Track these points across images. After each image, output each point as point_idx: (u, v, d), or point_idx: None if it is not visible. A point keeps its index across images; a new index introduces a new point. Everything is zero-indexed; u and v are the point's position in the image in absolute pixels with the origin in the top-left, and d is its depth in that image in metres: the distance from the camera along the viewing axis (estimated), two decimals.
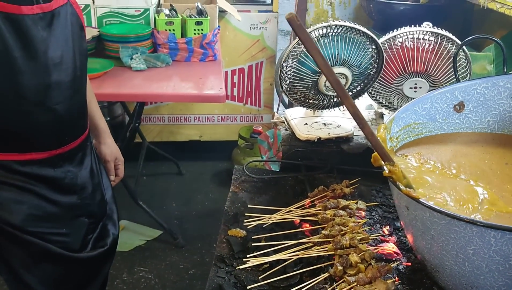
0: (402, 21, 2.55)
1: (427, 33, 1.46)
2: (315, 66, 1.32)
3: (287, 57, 1.32)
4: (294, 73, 1.34)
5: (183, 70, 2.69)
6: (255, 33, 3.46)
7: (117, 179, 1.76)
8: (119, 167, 1.74)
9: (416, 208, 0.93)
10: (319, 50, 0.81)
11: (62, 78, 1.38)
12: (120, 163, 1.74)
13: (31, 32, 1.28)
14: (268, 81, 3.63)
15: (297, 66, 1.33)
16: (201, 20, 2.80)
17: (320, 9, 2.85)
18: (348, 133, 1.47)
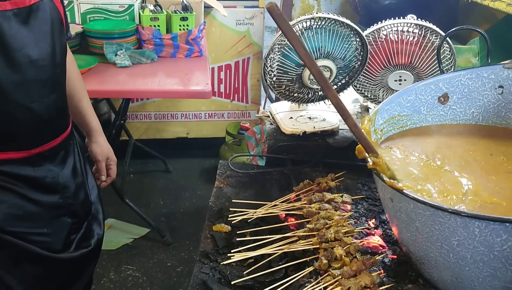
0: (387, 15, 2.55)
1: (411, 25, 1.46)
2: (299, 59, 1.31)
3: (271, 50, 1.30)
4: (278, 66, 1.33)
5: (169, 66, 2.67)
6: (242, 29, 3.44)
7: (109, 180, 1.72)
8: (111, 167, 1.71)
9: (400, 199, 0.92)
10: (300, 40, 0.80)
11: (39, 76, 1.34)
12: (112, 163, 1.71)
13: (3, 29, 1.23)
14: (255, 77, 3.61)
15: (281, 59, 1.31)
16: (186, 16, 2.78)
17: (306, 4, 2.84)
18: (334, 126, 1.46)
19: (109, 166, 1.73)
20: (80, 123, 1.67)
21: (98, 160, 1.69)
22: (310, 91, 1.41)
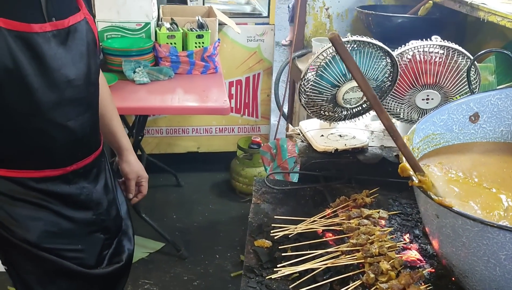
0: (400, 33, 2.63)
1: (436, 46, 1.52)
2: (334, 80, 1.36)
3: (307, 71, 1.36)
4: (313, 87, 1.39)
5: (186, 83, 2.72)
6: (252, 45, 3.51)
7: (140, 196, 1.76)
8: (142, 184, 1.75)
9: (447, 216, 0.97)
10: (358, 68, 0.85)
11: (75, 95, 1.39)
12: (143, 180, 1.74)
13: (42, 50, 1.28)
14: (265, 92, 3.68)
15: (316, 80, 1.37)
16: (202, 34, 2.84)
17: (318, 22, 2.91)
18: (364, 144, 1.51)
19: (140, 183, 1.77)
20: (111, 142, 1.71)
21: (129, 178, 1.73)
22: (342, 110, 1.46)
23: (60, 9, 1.34)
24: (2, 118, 1.31)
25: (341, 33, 3.00)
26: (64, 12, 1.36)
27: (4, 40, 1.22)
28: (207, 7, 3.32)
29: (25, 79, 1.27)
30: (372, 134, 1.63)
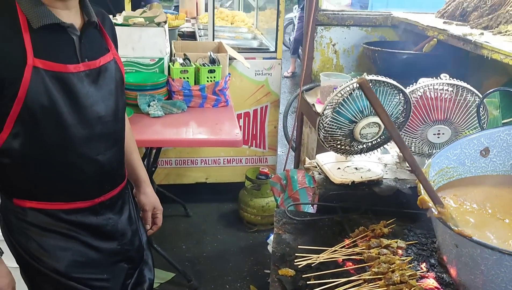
0: (405, 68, 2.74)
1: (445, 84, 1.61)
2: (352, 116, 1.45)
3: (326, 108, 1.44)
4: (332, 122, 1.47)
5: (198, 116, 2.80)
6: (260, 79, 3.62)
7: (155, 228, 1.82)
8: (157, 216, 1.81)
9: (466, 245, 1.03)
10: (384, 108, 0.94)
11: (104, 130, 1.48)
12: (158, 212, 1.81)
13: (76, 89, 1.38)
14: (272, 124, 3.77)
15: (335, 116, 1.45)
16: (214, 68, 2.94)
17: (325, 57, 3.02)
18: (379, 176, 1.59)
19: (155, 215, 1.83)
20: (130, 174, 1.78)
21: (146, 209, 1.80)
22: (359, 144, 1.54)
23: (92, 51, 1.44)
24: (37, 153, 1.38)
25: (347, 68, 3.12)
26: (96, 53, 1.46)
27: (42, 80, 1.31)
28: (217, 42, 3.44)
29: (60, 116, 1.36)
30: (385, 167, 1.71)
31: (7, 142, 1.35)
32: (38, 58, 1.30)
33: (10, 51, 1.27)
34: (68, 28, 1.37)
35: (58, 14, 1.35)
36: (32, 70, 1.29)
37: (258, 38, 4.28)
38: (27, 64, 1.28)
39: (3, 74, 1.26)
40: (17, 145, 1.35)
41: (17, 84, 1.28)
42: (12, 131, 1.33)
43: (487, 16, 2.48)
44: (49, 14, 1.32)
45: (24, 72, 1.28)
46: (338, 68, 3.10)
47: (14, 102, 1.29)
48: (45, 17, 1.31)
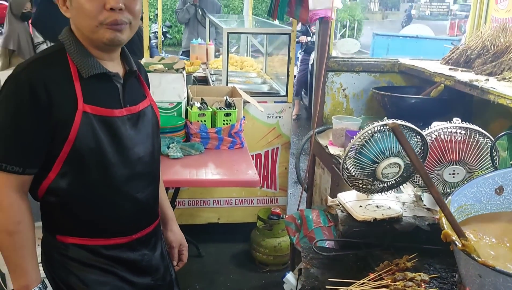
0: (413, 112, 2.87)
1: (458, 127, 1.73)
2: (374, 157, 1.56)
3: (349, 149, 1.56)
4: (356, 163, 1.58)
5: (216, 158, 2.92)
6: (272, 122, 3.76)
7: (181, 264, 1.90)
8: (183, 253, 1.89)
9: (489, 275, 1.12)
10: (413, 150, 1.05)
11: (143, 170, 1.59)
12: (184, 248, 1.89)
13: (120, 131, 1.50)
14: (283, 166, 3.88)
15: (358, 157, 1.56)
16: (230, 112, 3.08)
17: (336, 101, 3.17)
18: (398, 214, 1.68)
19: (181, 251, 1.91)
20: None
21: (173, 246, 1.88)
22: (380, 183, 1.65)
23: (132, 97, 1.57)
24: (82, 191, 1.49)
25: (357, 111, 3.25)
26: (136, 99, 1.59)
27: (90, 123, 1.43)
28: (230, 87, 3.60)
29: (105, 157, 1.47)
30: (403, 205, 1.80)
31: (54, 181, 1.45)
32: (87, 103, 1.42)
33: (64, 98, 1.39)
34: (113, 77, 1.50)
35: (105, 64, 1.49)
36: (82, 114, 1.41)
37: (267, 83, 4.45)
38: (78, 109, 1.40)
39: (57, 118, 1.38)
40: (64, 184, 1.45)
41: (69, 128, 1.40)
42: (60, 171, 1.44)
43: (490, 63, 2.63)
44: (97, 65, 1.46)
45: (75, 117, 1.40)
46: (348, 111, 3.23)
47: (64, 144, 1.41)
48: (94, 68, 1.45)
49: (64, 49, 1.46)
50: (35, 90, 1.35)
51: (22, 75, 1.37)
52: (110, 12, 1.39)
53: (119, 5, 1.39)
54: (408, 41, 8.22)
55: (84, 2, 1.38)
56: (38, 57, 1.45)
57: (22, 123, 1.37)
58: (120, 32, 1.43)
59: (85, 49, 1.45)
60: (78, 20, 1.43)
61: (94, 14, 1.38)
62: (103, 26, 1.41)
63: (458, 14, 23.34)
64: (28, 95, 1.34)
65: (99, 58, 1.48)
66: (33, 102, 1.35)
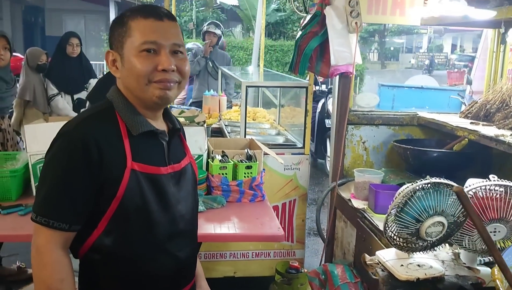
0: (435, 165, 2.88)
1: (495, 185, 1.72)
2: (417, 215, 1.55)
3: (393, 208, 1.55)
4: (399, 222, 1.57)
5: (238, 211, 2.89)
6: (289, 173, 3.76)
7: None
8: None
9: None
10: (478, 214, 1.04)
11: (185, 228, 1.58)
12: None
13: (165, 189, 1.51)
14: (300, 218, 3.84)
15: (402, 216, 1.55)
16: (251, 165, 3.08)
17: (356, 154, 3.18)
18: (441, 273, 1.65)
19: None
20: None
21: None
22: (423, 242, 1.63)
23: (175, 154, 1.58)
24: (126, 249, 1.47)
25: (377, 164, 3.26)
26: (178, 156, 1.60)
27: (138, 181, 1.43)
28: (248, 139, 3.62)
29: (150, 215, 1.46)
30: (443, 263, 1.78)
31: (99, 239, 1.44)
32: (136, 161, 1.43)
33: (114, 155, 1.40)
34: (160, 135, 1.52)
35: (151, 122, 1.51)
36: (130, 172, 1.41)
37: (282, 134, 4.48)
38: (127, 166, 1.41)
39: (107, 176, 1.39)
40: (108, 242, 1.44)
41: (117, 185, 1.40)
42: (106, 228, 1.43)
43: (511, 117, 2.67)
44: (145, 123, 1.48)
45: (124, 174, 1.40)
46: (368, 164, 3.24)
47: (112, 201, 1.40)
48: (142, 125, 1.47)
49: (112, 107, 1.48)
50: (88, 148, 1.36)
51: (74, 132, 1.39)
52: (161, 72, 1.42)
53: (171, 66, 1.42)
54: (414, 92, 8.32)
55: (137, 63, 1.41)
56: (89, 115, 1.47)
57: (73, 180, 1.37)
58: (169, 90, 1.46)
59: (134, 107, 1.48)
60: (128, 80, 1.46)
61: (145, 74, 1.42)
62: (152, 84, 1.43)
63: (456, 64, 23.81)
64: (81, 152, 1.35)
65: (145, 116, 1.50)
66: (85, 159, 1.36)
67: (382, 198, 2.62)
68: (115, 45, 1.48)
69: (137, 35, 1.43)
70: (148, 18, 1.44)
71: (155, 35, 1.43)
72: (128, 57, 1.44)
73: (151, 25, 1.44)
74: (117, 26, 1.47)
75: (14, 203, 2.65)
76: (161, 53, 1.43)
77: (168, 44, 1.45)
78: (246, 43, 14.10)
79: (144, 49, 1.42)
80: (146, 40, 1.42)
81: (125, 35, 1.45)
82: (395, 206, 1.55)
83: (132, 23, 1.44)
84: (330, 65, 2.91)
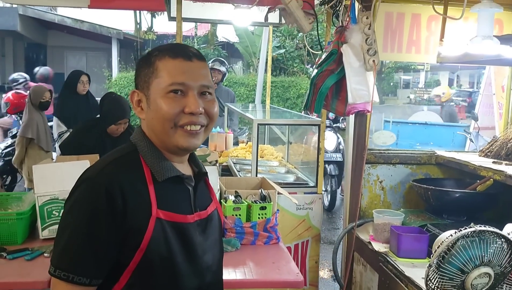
0: (457, 206, 2.78)
1: None
2: (463, 266, 1.44)
3: (436, 258, 1.44)
4: (443, 273, 1.46)
5: (253, 254, 2.77)
6: (301, 213, 3.65)
7: None
8: None
9: None
10: None
11: (211, 280, 1.47)
12: None
13: (192, 238, 1.40)
14: (313, 259, 3.71)
15: (446, 267, 1.45)
16: (265, 205, 2.98)
17: (373, 194, 3.09)
18: None
19: None
20: None
21: None
22: None
23: (201, 201, 1.49)
24: None
25: (394, 204, 3.16)
26: (204, 203, 1.50)
27: (163, 230, 1.33)
28: (259, 178, 3.52)
29: (176, 266, 1.35)
30: None
31: None
32: (161, 209, 1.33)
33: (138, 203, 1.30)
34: (186, 180, 1.42)
35: (176, 166, 1.41)
36: (155, 221, 1.31)
37: (292, 172, 4.39)
38: (152, 215, 1.31)
39: (131, 225, 1.29)
40: None
41: (141, 235, 1.29)
42: (128, 282, 1.32)
43: None
44: (171, 168, 1.39)
45: (149, 223, 1.30)
46: (385, 204, 3.14)
47: (135, 253, 1.30)
48: (168, 171, 1.38)
49: (137, 150, 1.39)
50: (112, 196, 1.26)
51: (98, 178, 1.30)
52: (188, 115, 1.34)
53: (199, 109, 1.35)
54: (418, 128, 8.30)
55: (164, 105, 1.34)
56: (113, 160, 1.37)
57: (95, 231, 1.27)
58: (195, 138, 1.38)
59: (159, 151, 1.40)
60: (153, 122, 1.38)
61: (172, 117, 1.34)
62: (178, 130, 1.35)
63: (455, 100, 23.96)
64: (105, 200, 1.26)
65: (171, 160, 1.41)
66: (108, 208, 1.26)
67: (406, 242, 2.52)
68: (141, 85, 1.41)
69: (165, 76, 1.36)
70: (176, 58, 1.37)
71: (184, 76, 1.36)
72: (154, 99, 1.36)
73: (179, 66, 1.37)
74: (144, 65, 1.41)
75: (20, 247, 2.53)
76: (188, 95, 1.36)
77: (197, 86, 1.37)
78: (247, 79, 14.17)
79: (171, 90, 1.35)
80: (174, 81, 1.35)
81: (151, 75, 1.38)
82: (438, 256, 1.45)
83: (160, 63, 1.37)
84: (347, 103, 2.85)
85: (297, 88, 14.04)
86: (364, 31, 2.71)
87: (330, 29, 3.60)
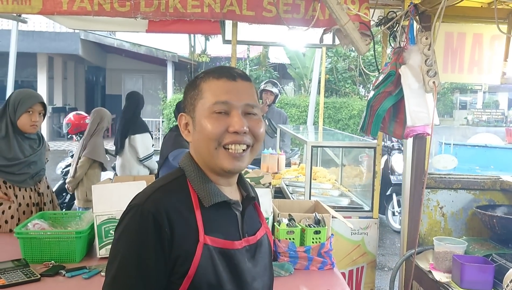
0: None
1: None
2: None
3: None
4: None
5: (307, 280, 2.70)
6: (356, 238, 3.55)
7: None
8: None
9: None
10: None
11: None
12: None
13: (240, 265, 1.36)
14: (369, 286, 3.59)
15: None
16: (319, 229, 2.91)
17: (433, 220, 2.96)
18: None
19: None
20: None
21: None
22: None
23: (250, 226, 1.45)
24: None
25: (456, 232, 3.01)
26: (253, 227, 1.47)
27: (211, 257, 1.30)
28: (313, 201, 3.46)
29: None
30: None
31: None
32: (208, 235, 1.31)
33: (185, 229, 1.29)
34: (233, 205, 1.40)
35: (223, 190, 1.39)
36: (203, 247, 1.29)
37: (346, 195, 4.30)
38: (199, 241, 1.29)
39: (178, 252, 1.27)
40: None
41: (189, 261, 1.27)
42: None
43: None
44: (218, 192, 1.37)
45: (196, 249, 1.28)
46: (446, 231, 3.00)
47: (183, 280, 1.27)
48: (215, 196, 1.35)
49: (184, 175, 1.39)
50: (159, 222, 1.25)
51: (146, 205, 1.28)
52: (233, 134, 1.33)
53: (243, 128, 1.33)
54: (477, 150, 7.95)
55: (208, 124, 1.33)
56: (161, 186, 1.36)
57: (144, 261, 1.25)
58: (239, 161, 1.36)
59: (205, 175, 1.38)
60: (199, 143, 1.37)
61: (216, 137, 1.33)
62: (222, 150, 1.34)
63: None
64: (153, 229, 1.25)
65: (217, 184, 1.39)
66: (157, 235, 1.25)
67: (470, 272, 2.38)
68: (188, 108, 1.41)
69: (209, 96, 1.35)
70: (220, 79, 1.37)
71: (227, 96, 1.35)
72: (199, 120, 1.36)
73: (223, 86, 1.36)
74: (190, 88, 1.41)
75: (78, 265, 2.59)
76: (232, 114, 1.34)
77: (241, 105, 1.35)
78: (298, 100, 14.17)
79: (215, 110, 1.34)
80: (217, 100, 1.34)
81: (197, 97, 1.38)
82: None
83: (204, 84, 1.38)
84: (405, 126, 2.76)
85: (349, 109, 13.89)
86: (423, 52, 2.63)
87: (386, 50, 3.53)
